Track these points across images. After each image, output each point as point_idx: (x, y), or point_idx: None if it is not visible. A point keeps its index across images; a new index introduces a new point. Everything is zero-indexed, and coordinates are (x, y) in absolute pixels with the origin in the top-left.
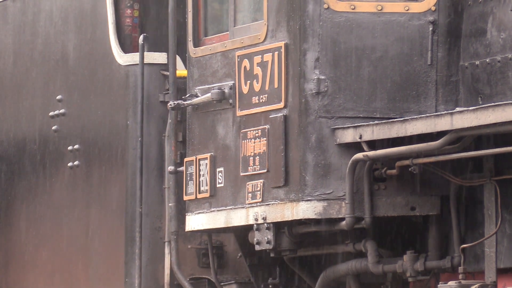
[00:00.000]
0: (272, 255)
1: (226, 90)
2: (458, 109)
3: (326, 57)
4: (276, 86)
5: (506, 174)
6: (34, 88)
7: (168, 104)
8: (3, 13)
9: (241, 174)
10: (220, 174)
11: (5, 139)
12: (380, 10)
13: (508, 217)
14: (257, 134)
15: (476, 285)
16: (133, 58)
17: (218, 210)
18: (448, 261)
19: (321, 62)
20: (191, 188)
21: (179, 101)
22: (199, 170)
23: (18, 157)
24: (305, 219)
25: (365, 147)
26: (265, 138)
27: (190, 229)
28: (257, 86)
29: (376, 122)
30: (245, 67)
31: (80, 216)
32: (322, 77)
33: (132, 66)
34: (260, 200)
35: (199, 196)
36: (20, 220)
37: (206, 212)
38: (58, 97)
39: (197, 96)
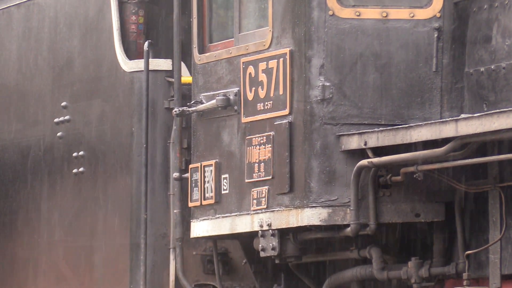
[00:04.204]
0: (277, 261)
1: (231, 97)
2: (463, 115)
3: (331, 63)
4: (281, 92)
5: (510, 181)
6: (39, 95)
7: (173, 110)
8: (8, 20)
9: (246, 180)
10: (225, 180)
11: (10, 145)
12: (385, 16)
13: None
14: (262, 141)
15: None
16: (138, 64)
17: (223, 217)
18: (452, 268)
19: (326, 68)
20: (196, 194)
21: (184, 108)
22: (204, 177)
23: (23, 163)
24: (310, 225)
25: (370, 154)
26: (270, 145)
27: (195, 236)
28: (262, 93)
29: (381, 128)
30: (250, 73)
31: (84, 222)
32: (327, 84)
33: (137, 72)
34: (265, 206)
35: (204, 202)
36: (24, 226)
37: (211, 218)
38: (63, 103)
39: (202, 103)
